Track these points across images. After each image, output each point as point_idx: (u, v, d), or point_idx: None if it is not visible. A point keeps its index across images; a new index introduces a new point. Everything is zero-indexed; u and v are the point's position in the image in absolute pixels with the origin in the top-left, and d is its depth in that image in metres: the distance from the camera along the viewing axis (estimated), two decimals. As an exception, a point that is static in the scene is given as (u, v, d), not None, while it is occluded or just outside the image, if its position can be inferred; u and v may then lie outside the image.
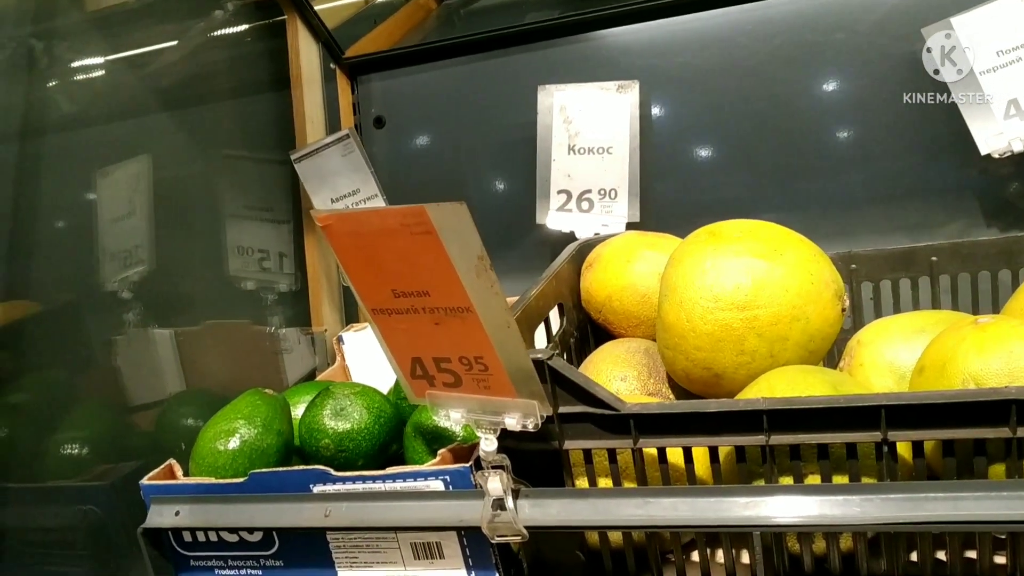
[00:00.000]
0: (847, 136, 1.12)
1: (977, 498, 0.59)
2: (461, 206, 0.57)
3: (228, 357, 1.23)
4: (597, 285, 0.95)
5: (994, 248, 0.95)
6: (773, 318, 0.75)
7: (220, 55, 1.23)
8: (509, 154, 1.24)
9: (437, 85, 1.29)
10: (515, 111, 1.21)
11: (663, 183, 1.17)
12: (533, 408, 0.65)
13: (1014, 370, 0.63)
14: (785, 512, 0.63)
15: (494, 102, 1.25)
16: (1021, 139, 0.95)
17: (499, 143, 1.25)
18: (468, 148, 1.27)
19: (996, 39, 0.98)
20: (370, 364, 1.16)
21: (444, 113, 1.29)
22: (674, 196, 1.17)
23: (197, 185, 1.21)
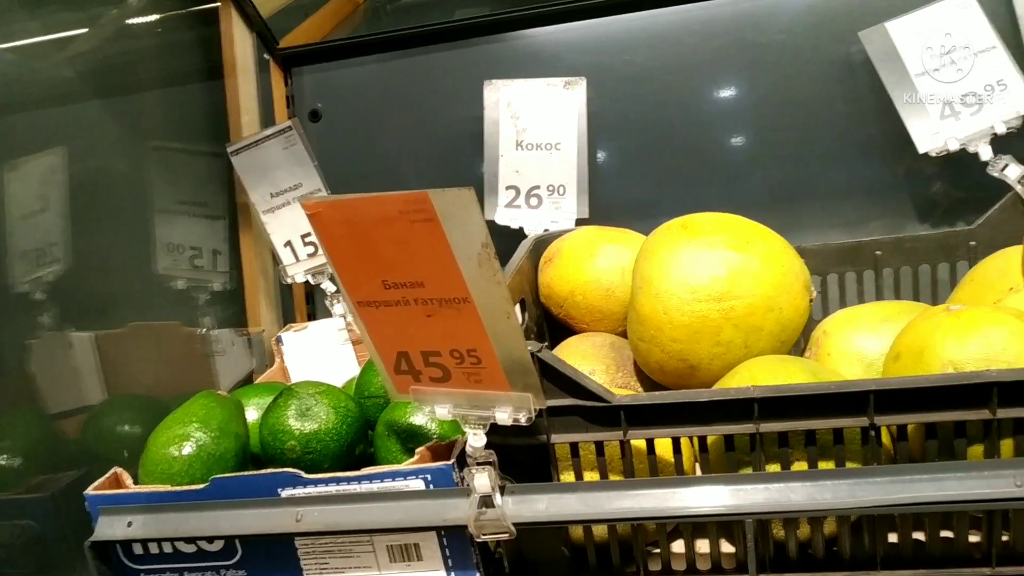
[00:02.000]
0: (787, 134, 1.15)
1: (959, 478, 0.62)
2: (468, 192, 0.55)
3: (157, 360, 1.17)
4: (559, 280, 0.95)
5: (934, 243, 0.99)
6: (748, 309, 0.76)
7: (148, 42, 1.17)
8: (453, 150, 1.22)
9: (376, 79, 1.26)
10: (459, 106, 1.20)
11: (611, 179, 1.18)
12: (527, 401, 0.64)
13: (991, 354, 0.66)
14: (776, 499, 0.64)
15: (437, 97, 1.23)
16: (956, 139, 1.00)
17: (443, 138, 1.23)
18: (410, 143, 1.25)
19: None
20: (311, 365, 1.12)
21: (384, 107, 1.26)
22: (623, 192, 1.18)
23: (122, 179, 1.14)
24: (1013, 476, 0.61)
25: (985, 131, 0.99)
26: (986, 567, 0.67)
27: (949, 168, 1.10)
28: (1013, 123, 0.99)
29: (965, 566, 0.68)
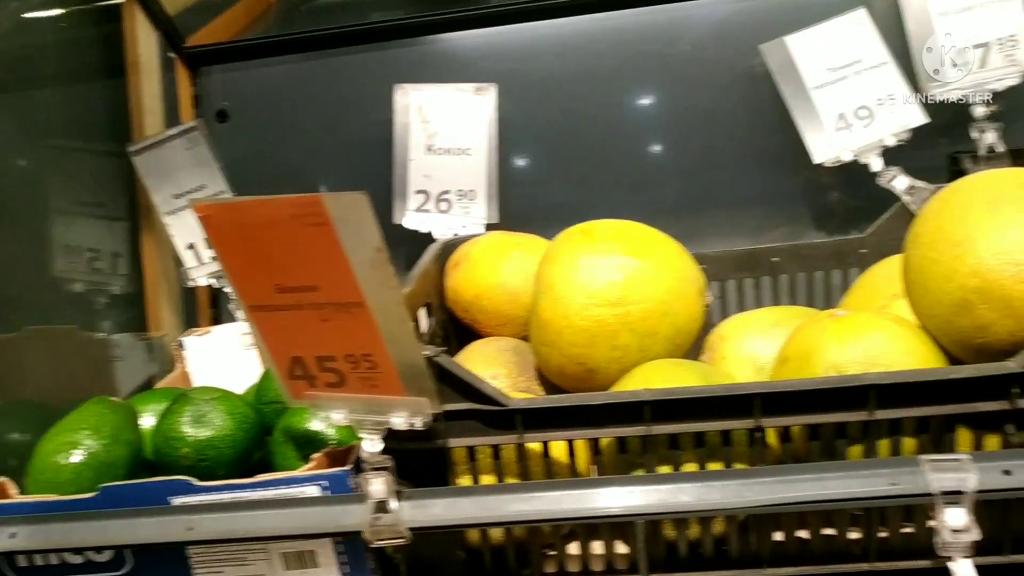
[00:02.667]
0: (691, 143, 1.18)
1: (839, 478, 0.64)
2: (361, 196, 0.55)
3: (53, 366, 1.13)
4: (465, 284, 0.95)
5: (828, 250, 1.02)
6: (644, 314, 0.78)
7: (46, 37, 1.13)
8: (363, 153, 1.21)
9: (286, 80, 1.25)
10: (370, 110, 1.19)
11: (521, 185, 1.19)
12: (422, 406, 0.64)
13: (871, 358, 0.68)
14: (666, 500, 0.65)
15: (347, 99, 1.22)
16: (850, 150, 1.03)
17: (353, 141, 1.22)
18: (320, 146, 1.24)
19: (827, 57, 1.06)
20: (215, 370, 1.10)
21: (294, 109, 1.24)
22: (532, 198, 1.19)
23: (17, 178, 1.10)
24: (889, 475, 0.63)
25: (876, 143, 1.03)
26: (865, 562, 0.70)
27: (845, 178, 1.14)
28: (902, 136, 1.03)
29: (845, 562, 0.70)
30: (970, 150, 1.03)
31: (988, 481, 0.61)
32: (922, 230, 0.71)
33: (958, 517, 0.61)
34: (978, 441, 0.67)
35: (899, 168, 1.02)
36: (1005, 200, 0.65)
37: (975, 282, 0.65)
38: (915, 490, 0.62)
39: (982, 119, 1.02)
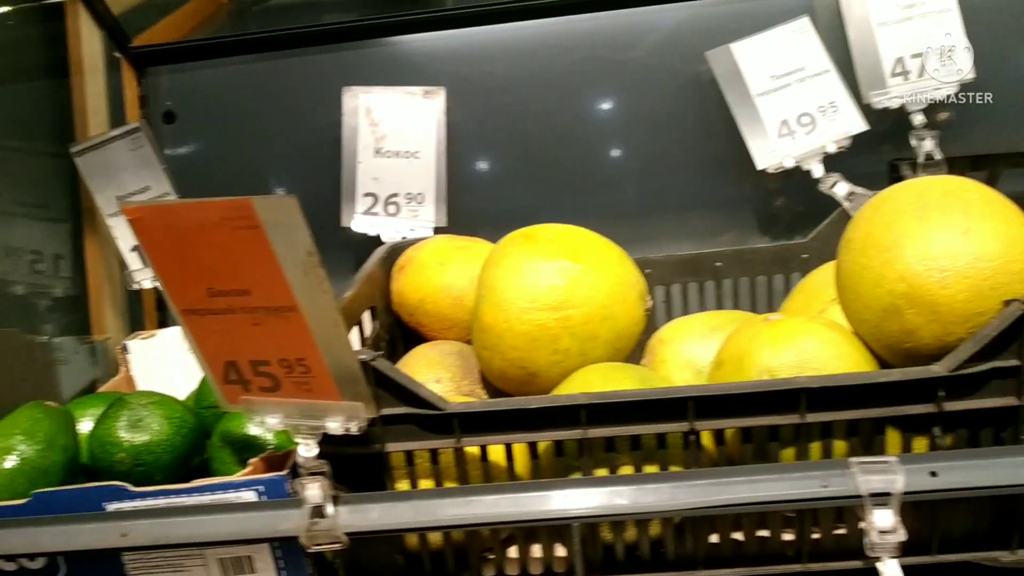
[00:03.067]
0: (638, 149, 1.19)
1: (772, 480, 0.64)
2: (292, 200, 0.55)
3: (-9, 369, 1.11)
4: (410, 288, 0.95)
5: (770, 255, 1.04)
6: (585, 318, 0.78)
7: (-16, 35, 1.11)
8: (312, 155, 1.20)
9: (234, 81, 1.24)
10: (318, 112, 1.18)
11: (469, 189, 1.19)
12: (357, 410, 0.64)
13: (802, 362, 0.70)
14: (602, 503, 0.65)
15: (296, 101, 1.22)
16: (792, 156, 1.05)
17: (301, 144, 1.22)
18: (268, 148, 1.23)
19: (771, 65, 1.08)
20: (160, 374, 1.09)
21: (242, 111, 1.23)
22: (480, 202, 1.19)
23: (-45, 178, 1.08)
24: (820, 477, 0.64)
25: (818, 150, 1.05)
26: (798, 563, 0.71)
27: (790, 184, 1.15)
28: (843, 143, 1.05)
29: (779, 563, 0.71)
30: (909, 157, 1.05)
31: (915, 483, 0.63)
32: (853, 236, 0.72)
33: (886, 518, 0.63)
34: (907, 443, 0.68)
35: (839, 175, 1.04)
36: (932, 207, 0.67)
37: (902, 288, 0.66)
38: (845, 492, 0.63)
39: (920, 127, 1.05)
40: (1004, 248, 0.64)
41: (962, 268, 0.64)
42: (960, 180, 0.70)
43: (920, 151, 1.04)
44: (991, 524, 0.69)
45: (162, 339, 1.11)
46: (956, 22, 1.05)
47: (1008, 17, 1.12)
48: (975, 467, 0.63)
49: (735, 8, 1.16)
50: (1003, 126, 1.14)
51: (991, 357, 0.65)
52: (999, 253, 0.64)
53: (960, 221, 0.65)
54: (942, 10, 1.05)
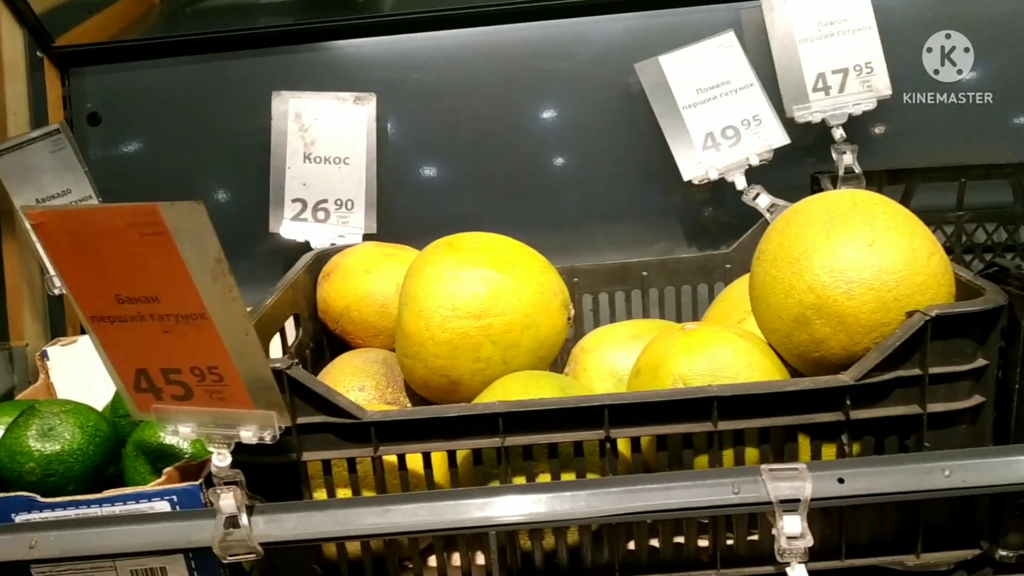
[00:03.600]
0: (570, 158, 1.20)
1: (684, 487, 0.65)
2: (198, 206, 0.54)
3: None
4: (335, 295, 0.94)
5: (694, 265, 1.06)
6: (507, 326, 0.79)
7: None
8: (241, 160, 1.19)
9: (163, 83, 1.22)
10: (248, 116, 1.17)
11: (400, 196, 1.19)
12: (271, 419, 0.63)
13: (716, 370, 0.71)
14: (519, 511, 0.66)
15: (226, 105, 1.20)
16: (716, 168, 1.07)
17: (230, 148, 1.20)
18: (196, 151, 1.21)
19: (697, 78, 1.10)
20: (81, 382, 1.06)
21: (170, 113, 1.21)
22: (411, 209, 1.19)
23: None
24: (732, 484, 0.65)
25: (741, 162, 1.07)
26: (712, 569, 0.72)
27: (718, 195, 1.18)
28: (765, 156, 1.07)
29: (694, 569, 0.73)
30: (830, 170, 1.08)
31: (823, 489, 0.64)
32: (765, 248, 0.73)
33: (794, 524, 0.64)
34: (817, 450, 0.70)
35: (761, 187, 1.06)
36: (839, 220, 0.69)
37: (811, 298, 0.68)
38: (755, 499, 0.64)
39: (840, 141, 1.07)
40: (907, 261, 0.66)
41: (867, 280, 0.66)
42: (867, 194, 0.72)
43: (840, 164, 1.07)
44: (897, 529, 0.71)
45: (83, 346, 1.08)
46: (875, 40, 1.08)
47: (923, 36, 1.15)
48: (880, 474, 0.65)
49: (665, 21, 1.18)
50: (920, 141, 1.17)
51: (895, 367, 0.67)
52: (902, 265, 0.66)
53: (866, 234, 0.67)
54: (861, 28, 1.08)
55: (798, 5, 1.09)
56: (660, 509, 0.66)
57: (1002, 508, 0.70)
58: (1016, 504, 0.70)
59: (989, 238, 1.11)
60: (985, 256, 1.11)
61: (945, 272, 0.69)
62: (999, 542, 0.71)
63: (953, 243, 1.11)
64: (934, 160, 1.12)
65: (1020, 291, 0.65)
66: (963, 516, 0.71)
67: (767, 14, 1.10)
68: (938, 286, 0.67)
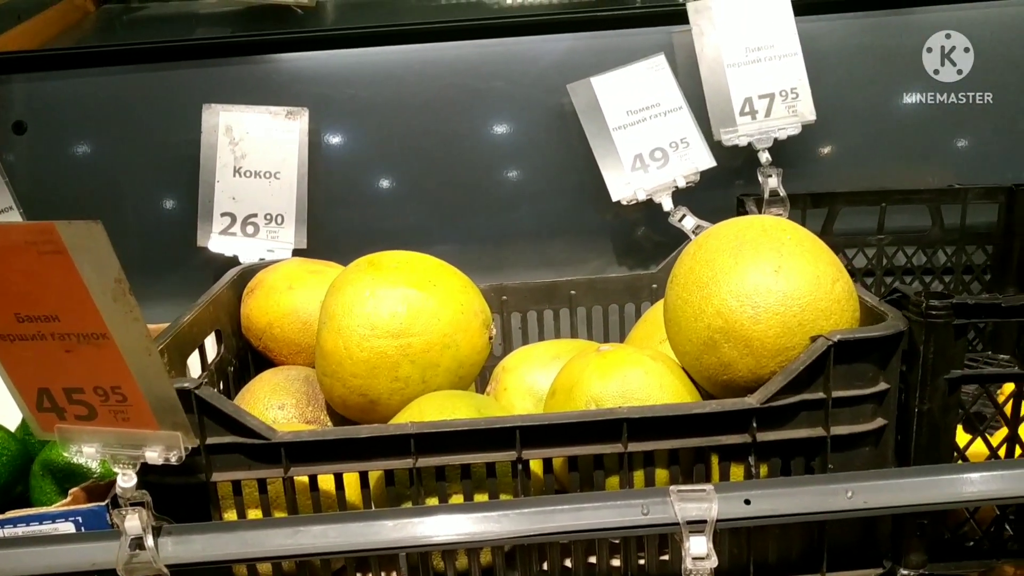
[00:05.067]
0: (503, 177, 1.21)
1: (595, 508, 0.66)
2: (96, 225, 0.54)
3: None
4: (258, 312, 0.94)
5: (621, 284, 1.07)
6: (425, 345, 0.79)
7: None
8: (171, 172, 1.18)
9: (92, 93, 1.20)
10: (178, 128, 1.16)
11: (332, 211, 1.18)
12: (177, 440, 0.63)
13: (627, 392, 0.72)
14: (430, 531, 0.66)
15: (156, 116, 1.19)
16: (644, 189, 1.08)
17: (160, 160, 1.18)
18: (125, 163, 1.19)
19: (628, 100, 1.11)
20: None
21: (99, 123, 1.20)
22: (342, 225, 1.19)
23: None
24: (641, 505, 0.66)
25: (668, 184, 1.08)
26: (623, 589, 0.73)
27: (648, 215, 1.19)
28: (692, 178, 1.09)
29: (606, 589, 0.73)
30: (756, 193, 1.10)
31: (730, 510, 0.65)
32: (678, 272, 0.75)
33: (700, 545, 0.65)
34: (726, 472, 0.71)
35: (686, 208, 1.07)
36: (748, 246, 0.70)
37: (719, 322, 0.69)
38: (663, 520, 0.65)
39: (766, 165, 1.10)
40: (812, 287, 0.68)
41: (773, 305, 0.67)
42: (776, 220, 0.74)
43: (766, 188, 1.09)
44: (803, 549, 0.73)
45: (1, 360, 1.05)
46: (799, 66, 1.11)
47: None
48: (786, 495, 0.66)
49: (598, 43, 1.20)
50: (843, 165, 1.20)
51: (800, 390, 0.68)
52: (807, 291, 0.68)
53: (773, 260, 0.69)
54: (787, 55, 1.11)
55: (726, 31, 1.11)
56: (571, 530, 0.66)
57: (904, 528, 0.72)
58: (917, 524, 0.72)
59: (909, 261, 1.14)
60: (905, 279, 1.14)
61: (849, 298, 0.70)
62: (901, 561, 0.73)
63: (874, 266, 1.13)
64: (861, 184, 1.15)
65: (919, 317, 0.67)
66: (867, 536, 0.73)
67: (696, 39, 1.11)
68: (842, 311, 0.69)
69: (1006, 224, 1.11)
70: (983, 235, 1.13)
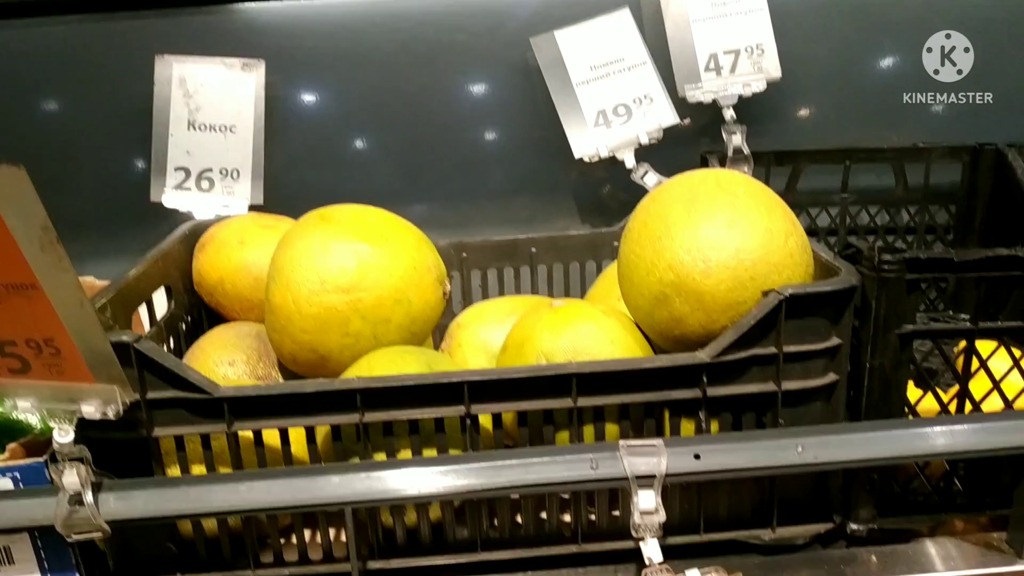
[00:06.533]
0: (466, 133, 1.18)
1: (544, 463, 0.65)
2: (19, 171, 0.51)
3: None
4: (209, 267, 0.92)
5: (583, 242, 1.06)
6: (377, 301, 0.77)
7: None
8: (123, 126, 1.14)
9: (39, 43, 1.16)
10: (131, 80, 1.12)
11: (290, 167, 1.16)
12: (113, 394, 0.61)
13: (578, 347, 0.71)
14: (377, 487, 0.65)
15: (107, 68, 1.15)
16: (607, 146, 1.07)
17: (111, 113, 1.15)
18: (75, 116, 1.16)
19: (592, 54, 1.09)
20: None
21: (47, 75, 1.16)
22: (301, 181, 1.16)
23: None
24: (591, 460, 0.65)
25: (631, 140, 1.07)
26: (574, 544, 0.73)
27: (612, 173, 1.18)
28: (655, 135, 1.07)
29: (556, 544, 0.73)
30: (720, 151, 1.09)
31: (679, 465, 0.65)
32: (632, 226, 0.74)
33: (648, 499, 0.65)
34: (677, 427, 0.70)
35: (648, 165, 1.06)
36: (701, 199, 0.69)
37: (671, 276, 0.68)
38: (613, 474, 0.65)
39: (730, 122, 1.08)
40: (765, 241, 0.67)
41: (725, 259, 0.67)
42: (731, 174, 0.73)
43: (729, 145, 1.08)
44: (754, 504, 0.73)
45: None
46: (766, 22, 1.09)
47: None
48: (735, 450, 0.66)
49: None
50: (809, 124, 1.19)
51: (751, 345, 0.67)
52: (759, 245, 0.67)
53: (726, 213, 0.68)
54: (753, 10, 1.09)
55: (693, -16, 1.09)
56: (520, 484, 0.65)
57: (854, 483, 0.72)
58: (867, 479, 0.72)
59: (872, 220, 1.14)
60: (868, 239, 1.14)
61: (803, 253, 0.70)
62: (851, 516, 0.73)
63: (838, 225, 1.13)
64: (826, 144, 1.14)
65: (872, 272, 0.67)
66: (818, 491, 0.73)
67: (662, -8, 1.10)
68: (795, 266, 0.68)
69: (969, 184, 1.11)
70: (947, 195, 1.12)
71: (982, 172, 1.09)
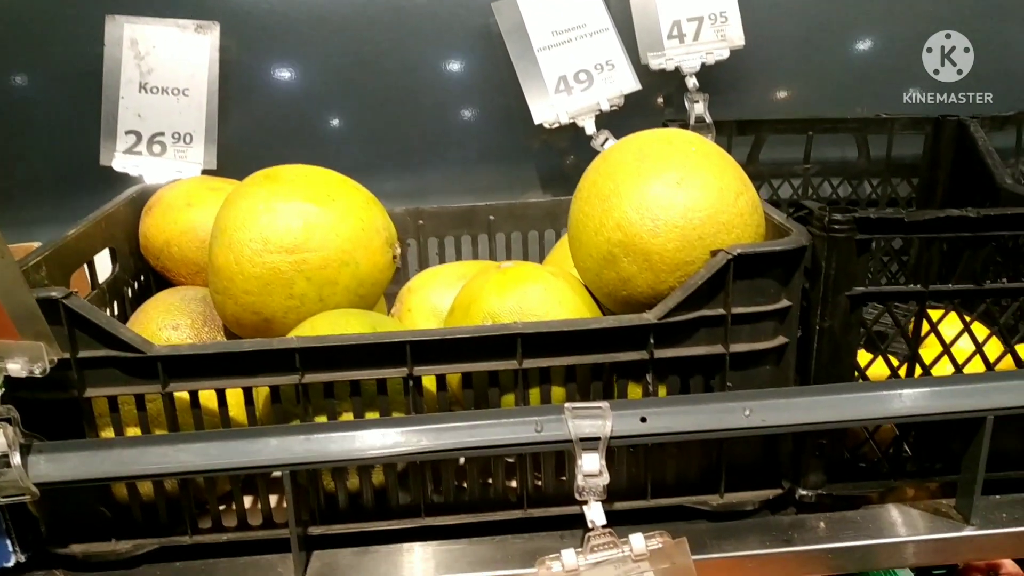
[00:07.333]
0: (426, 99, 1.16)
1: (489, 425, 0.64)
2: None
3: None
4: (155, 230, 0.90)
5: (541, 210, 1.04)
6: (322, 262, 0.75)
7: None
8: (70, 88, 1.11)
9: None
10: (80, 41, 1.09)
11: (244, 131, 1.13)
12: (40, 351, 0.59)
13: (524, 308, 0.69)
14: (316, 449, 0.63)
15: (55, 28, 1.12)
16: (567, 112, 1.05)
17: (60, 75, 1.12)
18: (21, 78, 1.13)
19: (554, 20, 1.07)
20: None
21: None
22: (256, 146, 1.14)
23: None
24: (536, 422, 0.64)
25: (592, 107, 1.05)
26: (519, 509, 0.71)
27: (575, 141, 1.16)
28: (616, 101, 1.06)
29: (502, 509, 0.72)
30: (682, 119, 1.08)
31: (625, 427, 0.64)
32: (582, 186, 0.72)
33: (592, 462, 0.63)
34: (624, 390, 0.69)
35: (608, 132, 1.05)
36: (650, 158, 0.68)
37: (619, 236, 0.67)
38: (557, 437, 0.63)
39: (693, 90, 1.07)
40: (715, 199, 0.66)
41: (673, 218, 0.65)
42: (683, 133, 0.71)
43: (692, 113, 1.06)
44: (702, 469, 0.72)
45: None
46: (730, -12, 1.08)
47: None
48: (682, 413, 0.65)
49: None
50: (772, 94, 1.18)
51: (699, 306, 0.66)
52: (709, 204, 0.66)
53: (675, 172, 0.66)
54: (717, -24, 1.08)
55: (656, -51, 1.07)
56: (463, 447, 0.64)
57: (803, 449, 0.71)
58: (816, 444, 0.71)
59: (834, 192, 1.13)
60: (830, 210, 1.13)
61: (754, 212, 0.68)
62: (800, 482, 0.72)
63: (800, 196, 1.12)
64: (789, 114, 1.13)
65: (822, 232, 0.65)
66: (767, 457, 0.72)
67: (625, -44, 1.08)
68: (745, 226, 0.67)
69: (931, 156, 1.10)
70: (909, 167, 1.12)
71: (944, 144, 1.08)
